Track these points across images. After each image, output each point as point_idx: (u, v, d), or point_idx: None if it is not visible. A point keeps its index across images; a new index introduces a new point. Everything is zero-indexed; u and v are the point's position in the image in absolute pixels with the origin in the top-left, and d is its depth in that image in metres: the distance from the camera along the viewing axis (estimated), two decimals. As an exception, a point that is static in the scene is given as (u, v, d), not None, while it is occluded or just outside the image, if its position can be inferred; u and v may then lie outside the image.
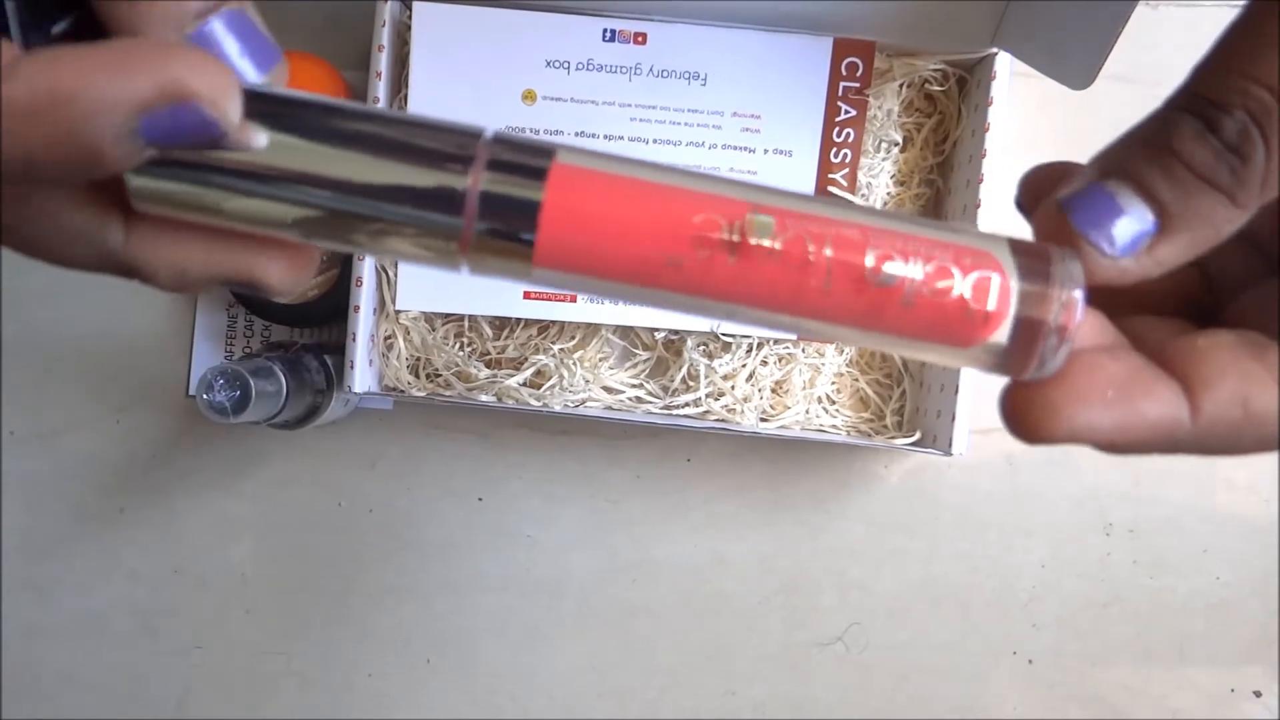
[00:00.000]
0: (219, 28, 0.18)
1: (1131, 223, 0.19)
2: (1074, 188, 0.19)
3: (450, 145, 0.19)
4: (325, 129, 0.19)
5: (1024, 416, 0.19)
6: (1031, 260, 0.19)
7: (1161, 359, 0.20)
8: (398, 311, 0.54)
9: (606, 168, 0.19)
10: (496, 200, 0.19)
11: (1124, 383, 0.19)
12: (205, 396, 0.45)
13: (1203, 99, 0.18)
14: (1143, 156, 0.19)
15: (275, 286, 0.21)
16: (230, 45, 0.19)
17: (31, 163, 0.16)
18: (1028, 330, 0.19)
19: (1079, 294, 0.19)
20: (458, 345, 0.56)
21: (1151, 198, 0.19)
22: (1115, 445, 0.19)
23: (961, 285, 0.19)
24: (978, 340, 0.19)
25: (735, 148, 0.53)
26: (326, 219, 0.19)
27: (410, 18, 0.52)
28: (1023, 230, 0.21)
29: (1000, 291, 0.19)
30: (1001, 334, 0.19)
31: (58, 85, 0.16)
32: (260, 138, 0.18)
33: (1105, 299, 0.21)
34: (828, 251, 0.19)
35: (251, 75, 0.19)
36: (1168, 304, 0.23)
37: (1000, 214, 0.52)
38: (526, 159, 0.19)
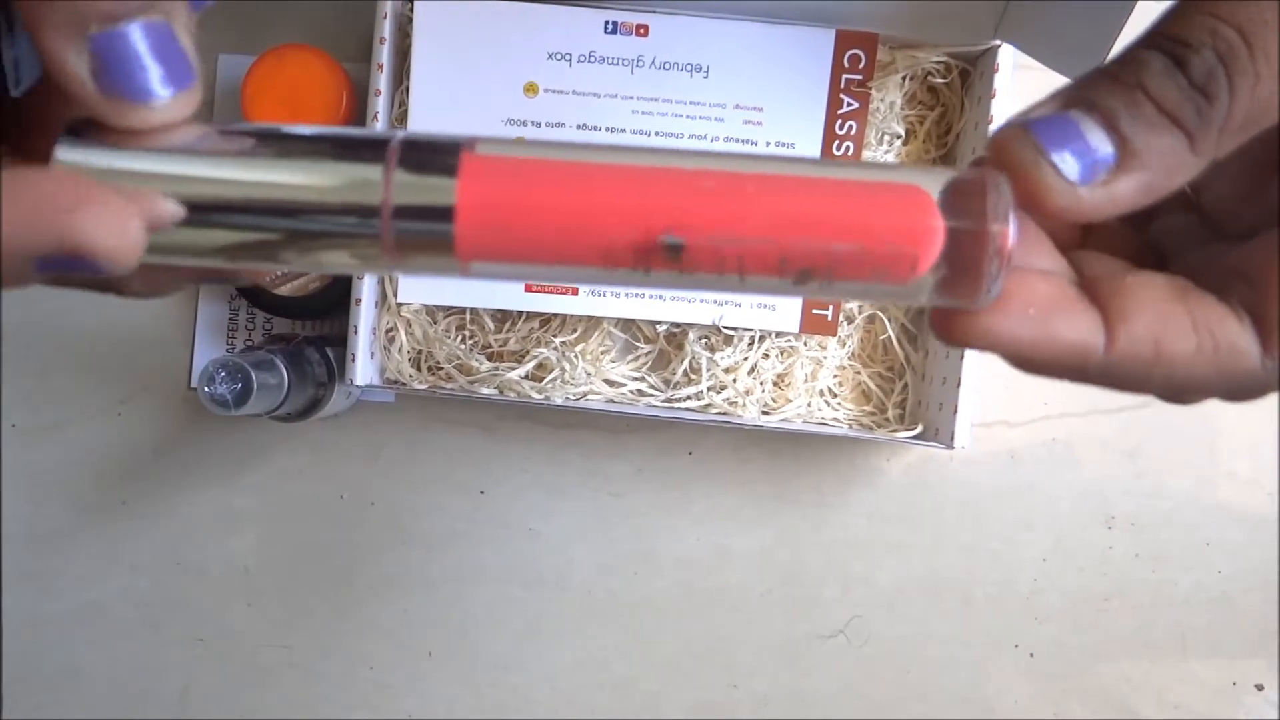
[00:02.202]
0: (136, 36, 0.17)
1: (1090, 150, 0.19)
2: (1038, 113, 0.19)
3: (361, 152, 0.19)
4: (238, 152, 0.19)
5: (948, 319, 0.20)
6: (963, 189, 0.19)
7: (1091, 290, 0.20)
8: (399, 304, 0.54)
9: (524, 154, 0.19)
10: (409, 200, 0.19)
11: (1047, 303, 0.20)
12: (207, 389, 0.45)
13: (1172, 38, 0.18)
14: (1109, 89, 0.19)
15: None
16: (143, 56, 0.18)
17: None
18: (967, 261, 0.19)
19: (1012, 218, 0.19)
20: (459, 338, 0.56)
21: (1114, 128, 0.19)
22: (1028, 361, 0.20)
23: (888, 234, 0.19)
24: (913, 278, 0.19)
25: (737, 140, 0.53)
26: (248, 244, 0.19)
27: (412, 10, 0.52)
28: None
29: (928, 229, 0.19)
30: (938, 269, 0.19)
31: None
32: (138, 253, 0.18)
33: (1059, 233, 0.22)
34: (739, 269, 0.19)
35: (160, 91, 0.18)
36: (1115, 249, 0.23)
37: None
38: (436, 156, 0.19)
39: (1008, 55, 0.51)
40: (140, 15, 0.17)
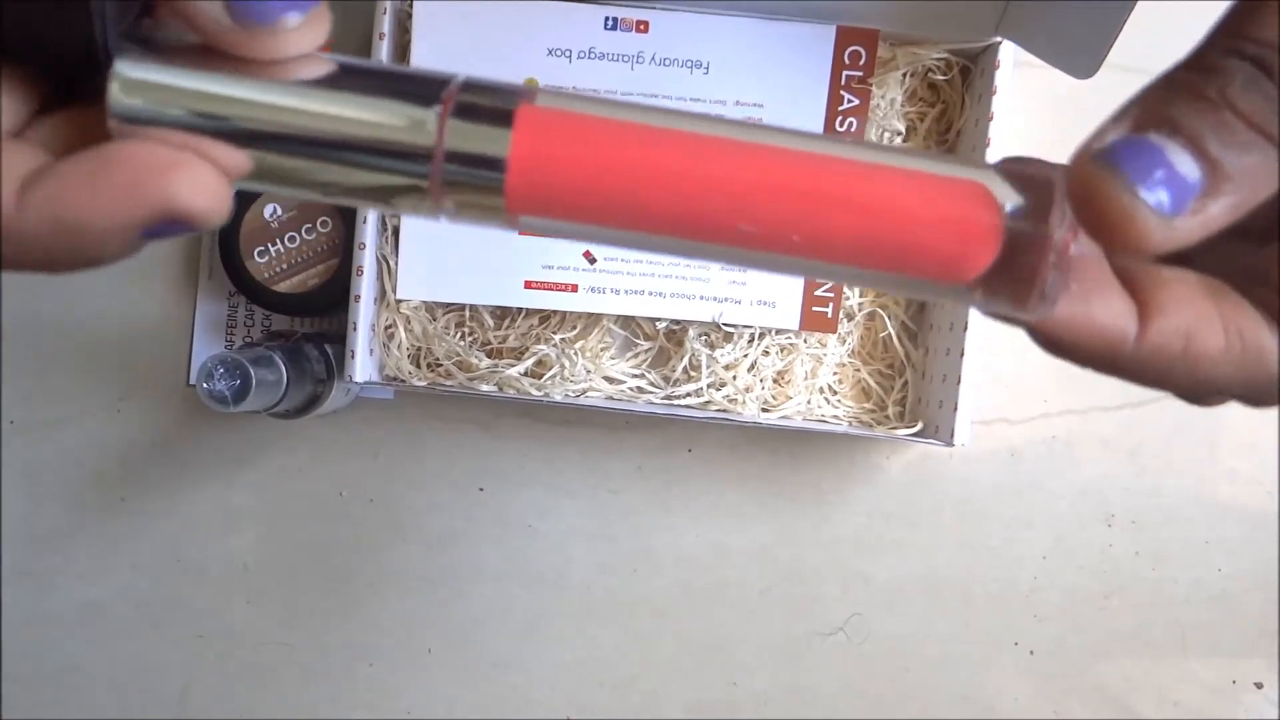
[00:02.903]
0: None
1: (1179, 178, 0.17)
2: (1115, 137, 0.17)
3: (420, 91, 0.18)
4: (307, 82, 0.19)
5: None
6: (1029, 188, 0.18)
7: (1127, 279, 0.20)
8: (398, 301, 0.54)
9: (583, 110, 0.19)
10: (461, 147, 0.18)
11: (1088, 282, 0.19)
12: (205, 385, 0.45)
13: (1255, 40, 0.17)
14: (1192, 108, 0.17)
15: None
16: None
17: (36, 269, 0.18)
18: (1022, 266, 0.18)
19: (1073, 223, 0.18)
20: (459, 335, 0.56)
21: (1202, 152, 0.17)
22: (1059, 339, 0.19)
23: (949, 229, 0.18)
24: (964, 279, 0.19)
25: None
26: (306, 178, 0.19)
27: (411, 7, 0.52)
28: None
29: (988, 228, 0.18)
30: (997, 270, 0.18)
31: (67, 217, 0.17)
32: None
33: None
34: (796, 239, 0.18)
35: (291, 16, 0.18)
36: None
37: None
38: (494, 105, 0.18)
39: (1008, 52, 0.50)
40: None
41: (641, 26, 0.52)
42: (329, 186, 0.19)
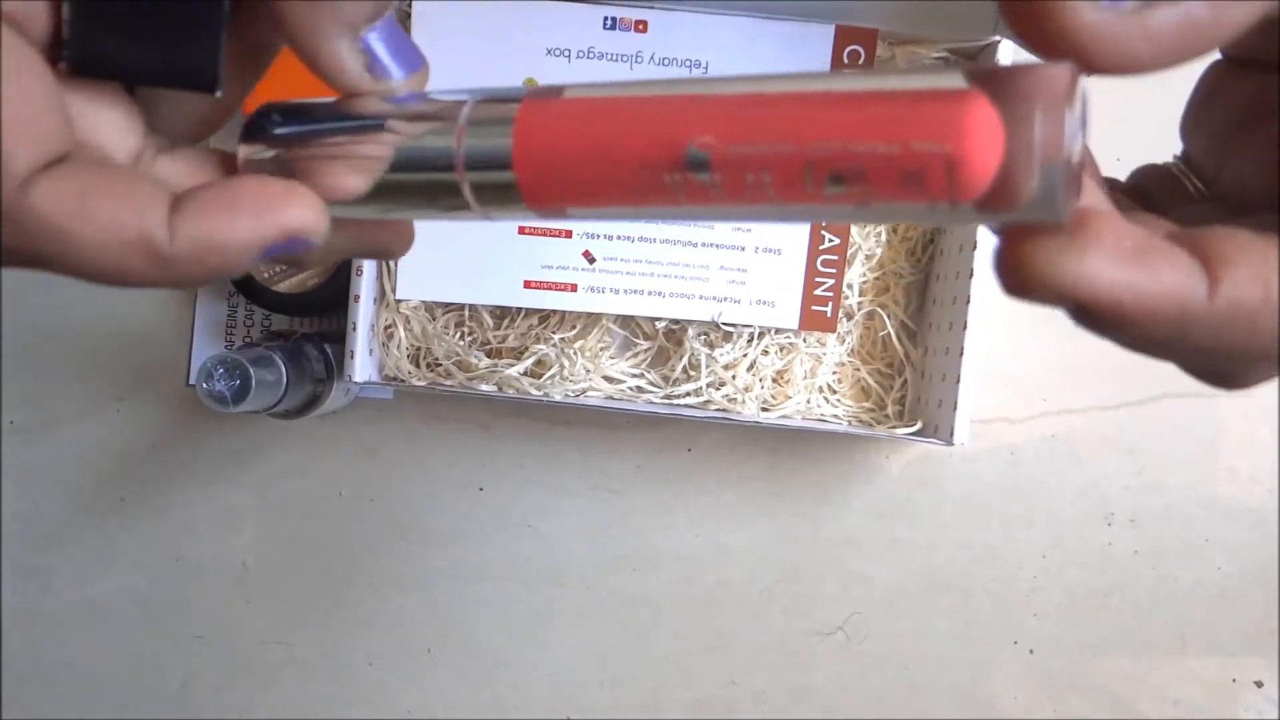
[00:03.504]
0: (374, 39, 0.21)
1: None
2: None
3: (437, 112, 0.20)
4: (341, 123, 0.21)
5: (1022, 260, 0.17)
6: (1011, 81, 0.16)
7: (1181, 243, 0.17)
8: (398, 301, 0.54)
9: (576, 95, 0.19)
10: (476, 152, 0.20)
11: (1143, 242, 0.17)
12: (205, 385, 0.45)
13: None
14: None
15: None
16: (383, 53, 0.21)
17: (174, 284, 0.20)
18: (1022, 166, 0.16)
19: (1076, 109, 0.16)
20: (458, 334, 0.56)
21: None
22: (1120, 311, 0.16)
23: (920, 130, 0.16)
24: (974, 188, 0.16)
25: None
26: (370, 196, 0.21)
27: (410, 6, 0.52)
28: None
29: (970, 121, 0.16)
30: (998, 177, 0.16)
31: (213, 238, 0.19)
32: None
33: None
34: (766, 178, 0.18)
35: (397, 77, 0.21)
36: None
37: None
38: (497, 111, 0.20)
39: (1007, 51, 0.50)
40: (388, 10, 0.21)
41: (640, 26, 0.52)
42: (398, 207, 0.21)
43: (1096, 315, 0.17)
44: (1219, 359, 0.18)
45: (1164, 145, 0.24)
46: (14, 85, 0.17)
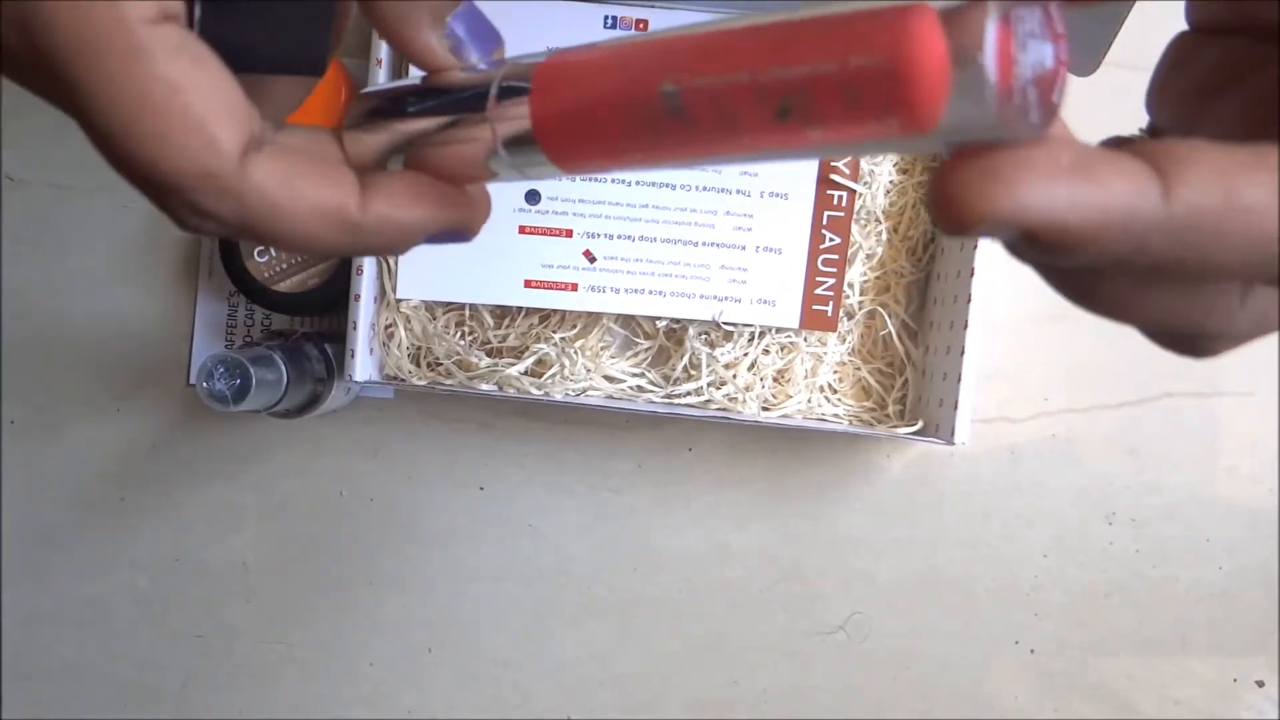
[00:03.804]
0: (457, 24, 0.22)
1: None
2: None
3: (479, 85, 0.21)
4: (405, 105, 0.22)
5: (953, 192, 0.15)
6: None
7: (1125, 149, 0.16)
8: (398, 300, 0.54)
9: (583, 51, 0.20)
10: (506, 130, 0.21)
11: (1084, 155, 0.15)
12: (205, 385, 0.45)
13: None
14: None
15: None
16: (465, 35, 0.23)
17: (355, 254, 0.22)
18: (969, 79, 0.15)
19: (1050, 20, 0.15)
20: (459, 334, 0.55)
21: None
22: (1067, 231, 0.15)
23: (864, 57, 0.16)
24: (916, 104, 0.15)
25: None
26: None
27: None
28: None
29: (914, 34, 0.15)
30: (944, 91, 0.15)
31: (395, 216, 0.21)
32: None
33: None
34: (732, 111, 0.18)
35: (478, 54, 0.23)
36: None
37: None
38: (519, 78, 0.21)
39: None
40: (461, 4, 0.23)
41: (641, 25, 0.52)
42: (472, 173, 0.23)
43: (1045, 240, 0.15)
44: (1194, 275, 0.16)
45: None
46: (207, 72, 0.19)
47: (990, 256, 0.49)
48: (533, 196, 0.53)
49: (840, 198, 0.53)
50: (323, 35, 0.22)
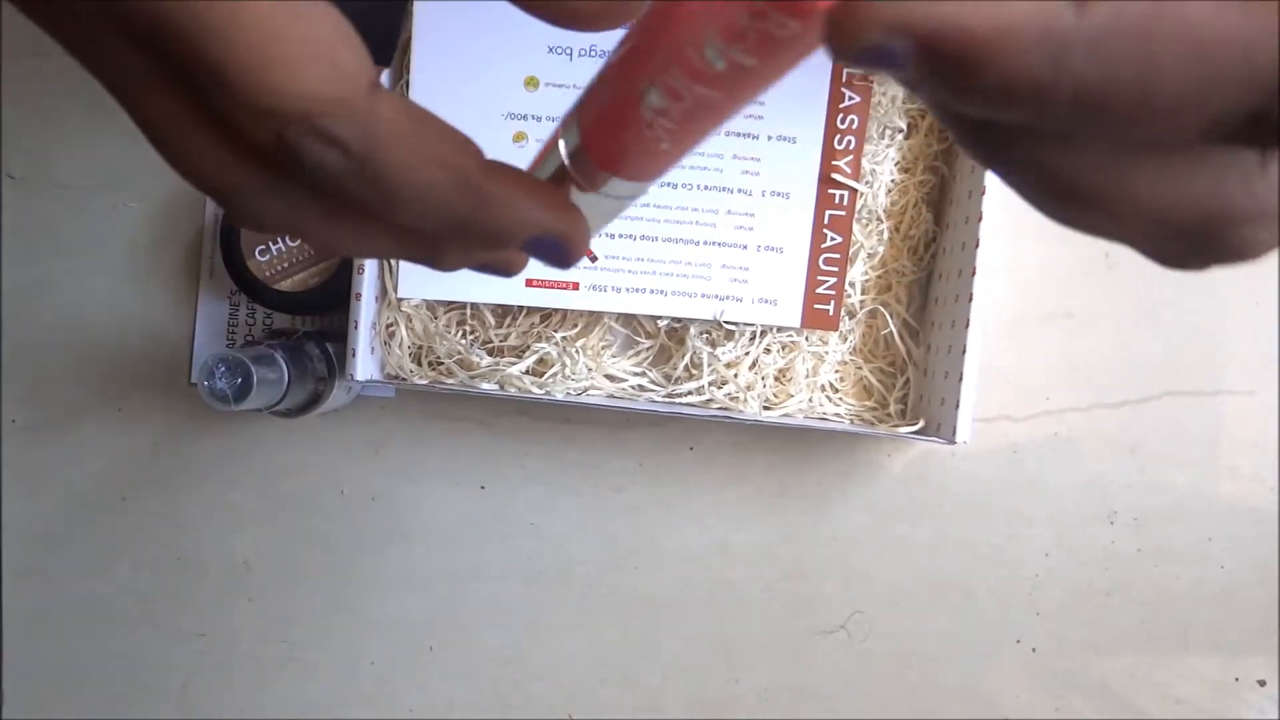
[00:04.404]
0: None
1: None
2: None
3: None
4: None
5: (843, 15, 0.13)
6: None
7: None
8: (400, 299, 0.54)
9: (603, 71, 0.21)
10: (569, 153, 0.21)
11: None
12: (206, 383, 0.45)
13: None
14: None
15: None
16: None
17: (463, 218, 0.20)
18: None
19: None
20: (460, 333, 0.55)
21: None
22: (970, 41, 0.13)
23: None
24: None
25: (738, 134, 0.53)
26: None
27: (412, 4, 0.51)
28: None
29: None
30: None
31: (510, 198, 0.20)
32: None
33: None
34: (692, 91, 0.18)
35: None
36: None
37: (1006, 199, 0.52)
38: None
39: None
40: None
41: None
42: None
43: (943, 52, 0.13)
44: (1173, 154, 0.14)
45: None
46: (329, 9, 0.18)
47: (992, 256, 0.49)
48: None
49: (842, 197, 0.53)
50: (393, 30, 0.22)
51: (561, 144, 0.21)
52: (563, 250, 0.21)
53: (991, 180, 0.50)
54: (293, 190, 0.20)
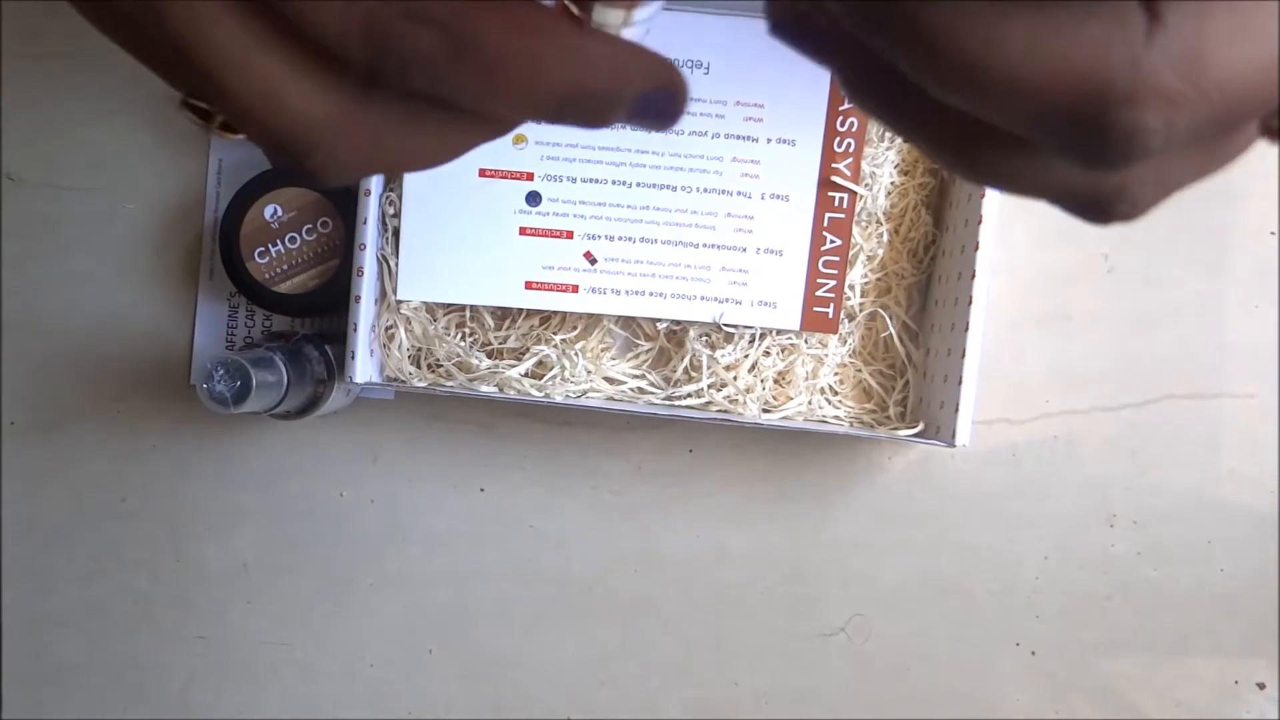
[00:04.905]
0: None
1: None
2: None
3: None
4: None
5: None
6: None
7: None
8: (399, 302, 0.54)
9: None
10: None
11: None
12: (205, 386, 0.45)
13: None
14: None
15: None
16: None
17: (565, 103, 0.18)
18: None
19: None
20: (459, 335, 0.55)
21: None
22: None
23: None
24: None
25: (738, 137, 0.53)
26: None
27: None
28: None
29: None
30: None
31: (623, 55, 0.18)
32: None
33: None
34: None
35: None
36: None
37: (1006, 202, 0.52)
38: None
39: None
40: None
41: (642, 26, 0.52)
42: None
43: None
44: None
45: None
46: None
47: (992, 258, 0.49)
48: (534, 198, 0.53)
49: (841, 199, 0.53)
50: None
51: None
52: (670, 102, 0.19)
53: (991, 183, 0.50)
54: (375, 113, 0.18)
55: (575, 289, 0.53)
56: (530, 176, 0.53)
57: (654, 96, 0.19)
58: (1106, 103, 0.13)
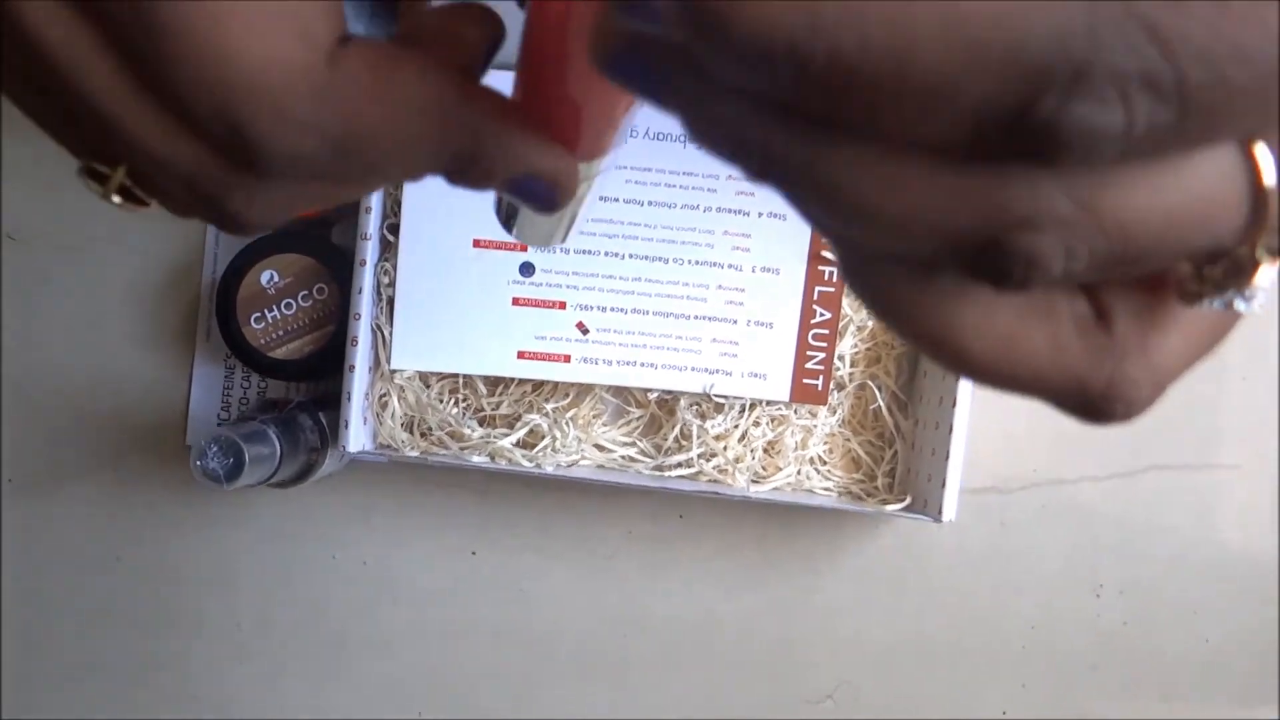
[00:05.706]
0: None
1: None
2: None
3: None
4: None
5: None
6: None
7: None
8: (392, 370, 0.54)
9: None
10: None
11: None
12: (199, 464, 0.45)
13: None
14: None
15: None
16: None
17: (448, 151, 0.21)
18: None
19: None
20: (452, 401, 0.56)
21: None
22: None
23: None
24: None
25: (730, 210, 0.53)
26: None
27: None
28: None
29: None
30: None
31: (499, 135, 0.21)
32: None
33: None
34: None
35: None
36: None
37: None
38: None
39: None
40: None
41: None
42: None
43: (702, 3, 0.12)
44: (877, 94, 0.12)
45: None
46: None
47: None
48: (527, 269, 0.54)
49: (831, 273, 0.54)
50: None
51: None
52: (547, 192, 0.21)
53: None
54: (271, 186, 0.20)
55: (567, 359, 0.54)
56: (524, 248, 0.54)
57: (530, 183, 0.21)
58: (1007, 229, 0.13)
